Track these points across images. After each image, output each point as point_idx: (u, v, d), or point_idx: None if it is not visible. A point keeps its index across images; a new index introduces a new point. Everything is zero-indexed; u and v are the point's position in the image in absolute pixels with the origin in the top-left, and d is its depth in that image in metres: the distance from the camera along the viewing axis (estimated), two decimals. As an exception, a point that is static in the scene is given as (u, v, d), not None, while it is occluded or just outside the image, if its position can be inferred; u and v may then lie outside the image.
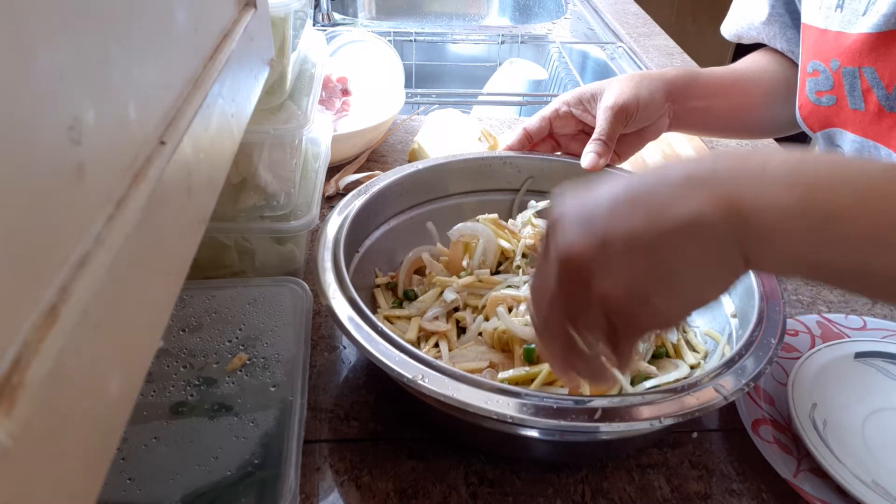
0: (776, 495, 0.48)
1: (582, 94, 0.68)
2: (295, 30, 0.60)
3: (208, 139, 0.29)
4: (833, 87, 0.63)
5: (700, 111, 0.71)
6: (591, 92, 0.68)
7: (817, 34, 0.64)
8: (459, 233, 0.60)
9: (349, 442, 0.51)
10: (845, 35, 0.60)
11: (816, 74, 0.64)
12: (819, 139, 0.70)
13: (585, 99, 0.68)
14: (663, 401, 0.41)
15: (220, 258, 0.61)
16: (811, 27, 0.65)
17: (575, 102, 0.69)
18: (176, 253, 0.25)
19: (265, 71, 0.43)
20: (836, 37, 0.61)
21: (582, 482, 0.49)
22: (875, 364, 0.57)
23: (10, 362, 0.14)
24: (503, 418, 0.39)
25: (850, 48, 0.59)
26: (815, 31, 0.64)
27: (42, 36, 0.16)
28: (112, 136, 0.20)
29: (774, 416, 0.53)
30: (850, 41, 0.59)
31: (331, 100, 0.91)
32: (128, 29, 0.21)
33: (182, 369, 0.50)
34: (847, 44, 0.60)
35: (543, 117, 0.69)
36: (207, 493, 0.42)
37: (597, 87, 0.68)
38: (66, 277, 0.17)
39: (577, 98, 0.68)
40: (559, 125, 0.70)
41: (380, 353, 0.43)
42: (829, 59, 0.62)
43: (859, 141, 0.62)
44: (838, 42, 0.61)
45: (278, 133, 0.56)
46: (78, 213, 0.18)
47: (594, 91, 0.68)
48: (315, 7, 1.36)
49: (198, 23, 0.29)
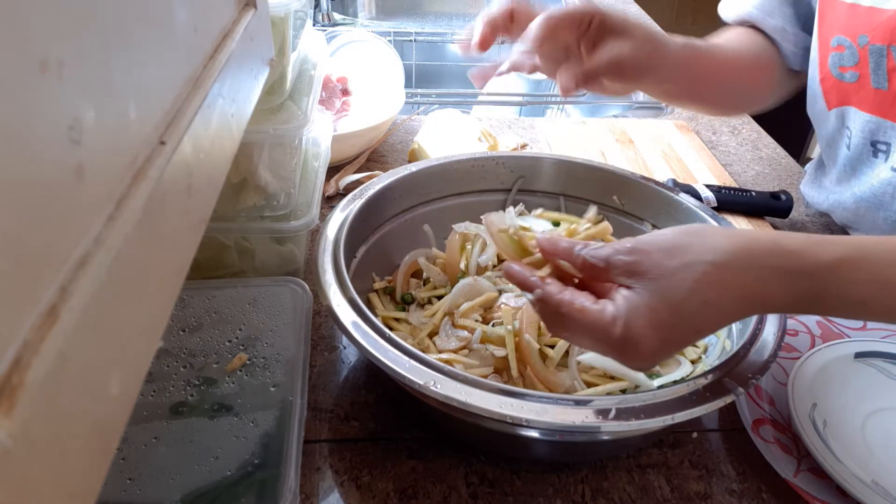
0: (776, 495, 0.48)
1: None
2: (295, 30, 0.60)
3: (208, 139, 0.29)
4: (857, 64, 0.62)
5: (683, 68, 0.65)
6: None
7: (846, 9, 0.63)
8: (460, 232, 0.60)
9: (349, 442, 0.51)
10: (879, 11, 0.60)
11: (841, 49, 0.63)
12: (831, 117, 0.69)
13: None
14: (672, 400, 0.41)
15: (220, 258, 0.61)
16: (840, 1, 0.64)
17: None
18: (176, 253, 0.25)
19: (265, 71, 0.43)
20: (868, 12, 0.60)
21: (582, 482, 0.49)
22: (875, 364, 0.57)
23: (10, 362, 0.14)
24: (517, 421, 0.39)
25: (884, 24, 0.59)
26: (844, 6, 0.63)
27: (42, 36, 0.16)
28: (112, 136, 0.20)
29: (774, 416, 0.53)
30: (885, 17, 0.59)
31: (331, 100, 0.91)
32: (128, 29, 0.21)
33: (182, 369, 0.50)
34: (881, 20, 0.59)
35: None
36: (207, 493, 0.42)
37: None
38: (66, 277, 0.17)
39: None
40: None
41: (388, 359, 0.42)
42: (858, 34, 0.61)
43: (875, 121, 0.62)
44: (870, 18, 0.60)
45: (278, 133, 0.56)
46: (78, 213, 0.18)
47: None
48: (315, 7, 1.36)
49: (198, 23, 0.29)
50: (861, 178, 0.70)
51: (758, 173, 0.92)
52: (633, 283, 0.39)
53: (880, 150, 0.67)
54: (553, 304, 0.40)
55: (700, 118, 1.07)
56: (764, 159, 0.96)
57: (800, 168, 0.94)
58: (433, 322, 0.55)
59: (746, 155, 0.97)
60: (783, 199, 0.80)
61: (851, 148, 0.69)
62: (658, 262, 0.38)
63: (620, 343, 0.38)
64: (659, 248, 0.39)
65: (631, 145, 0.95)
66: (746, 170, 0.93)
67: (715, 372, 0.43)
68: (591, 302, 0.39)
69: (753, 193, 0.80)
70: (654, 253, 0.39)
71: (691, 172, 0.89)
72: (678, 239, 0.39)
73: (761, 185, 0.90)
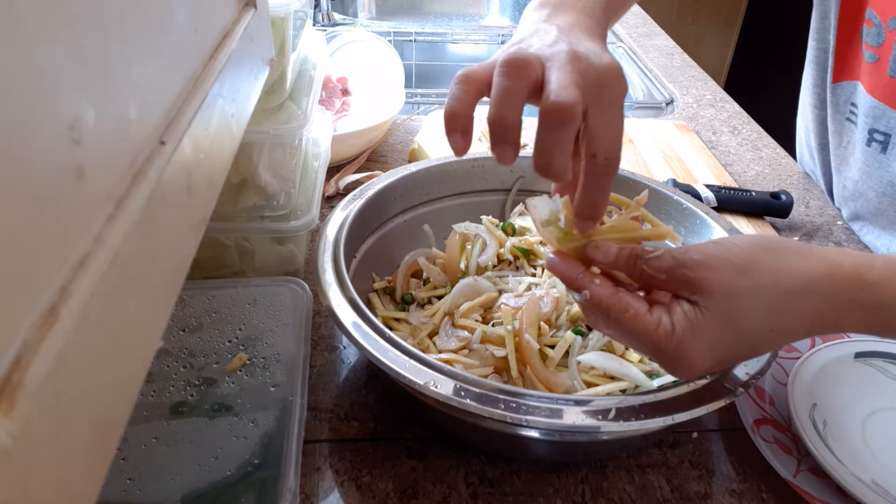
0: (776, 495, 0.48)
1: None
2: (295, 30, 0.60)
3: (208, 139, 0.28)
4: (881, 46, 0.60)
5: None
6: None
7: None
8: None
9: (349, 442, 0.51)
10: None
11: (870, 25, 0.61)
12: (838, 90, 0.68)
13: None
14: (672, 400, 0.41)
15: (220, 258, 0.61)
16: None
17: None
18: (176, 253, 0.25)
19: (265, 71, 0.43)
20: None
21: (582, 482, 0.49)
22: (875, 364, 0.57)
23: (10, 362, 0.14)
24: (517, 421, 0.39)
25: None
26: None
27: (42, 36, 0.16)
28: (112, 136, 0.20)
29: (774, 416, 0.53)
30: None
31: (331, 100, 0.91)
32: (128, 29, 0.21)
33: (182, 369, 0.50)
34: None
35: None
36: (207, 493, 0.42)
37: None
38: (66, 277, 0.17)
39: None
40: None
41: (388, 359, 0.42)
42: (889, 16, 0.58)
43: (881, 108, 0.61)
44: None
45: (278, 133, 0.56)
46: (78, 213, 0.18)
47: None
48: (315, 7, 1.36)
49: (198, 23, 0.29)
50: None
51: (758, 173, 0.92)
52: (698, 300, 0.36)
53: (876, 139, 0.67)
54: (603, 309, 0.37)
55: (700, 118, 1.07)
56: (764, 159, 0.96)
57: (800, 168, 0.94)
58: (433, 322, 0.55)
59: (746, 155, 0.97)
60: (783, 199, 0.80)
61: (858, 127, 0.69)
62: (727, 281, 0.35)
63: (671, 358, 0.36)
64: (729, 263, 0.36)
65: (631, 145, 0.95)
66: (746, 170, 0.93)
67: (714, 372, 0.43)
68: (646, 310, 0.36)
69: (753, 193, 0.80)
70: (722, 270, 0.36)
71: (691, 172, 0.89)
72: (751, 254, 0.36)
73: (761, 185, 0.90)
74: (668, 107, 1.12)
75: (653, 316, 0.36)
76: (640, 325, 0.36)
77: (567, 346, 0.51)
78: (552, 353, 0.50)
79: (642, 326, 0.36)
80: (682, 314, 0.35)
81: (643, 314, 0.36)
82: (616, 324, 0.37)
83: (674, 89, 1.16)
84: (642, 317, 0.36)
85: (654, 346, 0.36)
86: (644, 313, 0.36)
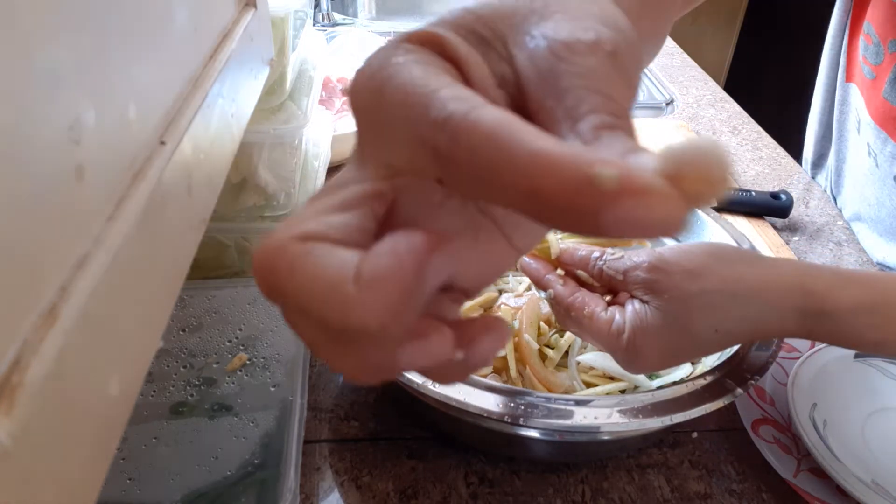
0: (776, 495, 0.48)
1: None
2: (295, 30, 0.60)
3: (208, 139, 0.28)
4: (880, 65, 0.60)
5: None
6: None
7: (887, 5, 0.60)
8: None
9: (349, 442, 0.51)
10: None
11: (868, 41, 0.61)
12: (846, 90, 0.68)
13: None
14: (671, 400, 0.41)
15: (220, 258, 0.61)
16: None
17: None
18: (176, 253, 0.25)
19: (265, 71, 0.43)
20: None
21: (582, 482, 0.49)
22: (875, 364, 0.57)
23: (10, 362, 0.14)
24: (515, 420, 0.39)
25: None
26: (886, 2, 0.60)
27: (42, 36, 0.16)
28: (112, 136, 0.20)
29: (774, 416, 0.53)
30: None
31: (331, 100, 0.91)
32: (128, 29, 0.21)
33: (182, 369, 0.50)
34: None
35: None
36: (207, 493, 0.42)
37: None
38: (66, 277, 0.17)
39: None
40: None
41: None
42: (890, 38, 0.59)
43: (875, 128, 0.60)
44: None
45: (278, 133, 0.56)
46: (78, 214, 0.18)
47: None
48: (315, 7, 1.36)
49: (198, 23, 0.29)
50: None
51: (758, 173, 0.92)
52: (650, 300, 0.39)
53: (871, 152, 0.67)
54: (565, 307, 0.40)
55: (700, 118, 1.07)
56: (764, 159, 0.96)
57: (800, 168, 0.94)
58: (433, 322, 0.55)
59: (746, 155, 0.97)
60: (783, 199, 0.80)
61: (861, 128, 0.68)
62: (677, 285, 0.38)
63: (624, 353, 0.38)
64: (682, 268, 0.38)
65: (631, 145, 0.94)
66: (746, 170, 0.93)
67: (714, 372, 0.43)
68: (602, 308, 0.39)
69: (753, 193, 0.80)
70: (675, 274, 0.38)
71: (691, 172, 0.89)
72: (703, 261, 0.39)
73: (761, 185, 0.90)
74: (667, 107, 1.11)
75: (607, 314, 0.39)
76: (596, 322, 0.39)
77: (567, 346, 0.51)
78: (551, 353, 0.50)
79: (597, 324, 0.39)
80: (633, 312, 0.38)
81: (598, 312, 0.39)
82: (577, 321, 0.40)
83: (674, 89, 1.16)
84: (597, 315, 0.39)
85: (608, 341, 0.39)
86: (599, 312, 0.39)
